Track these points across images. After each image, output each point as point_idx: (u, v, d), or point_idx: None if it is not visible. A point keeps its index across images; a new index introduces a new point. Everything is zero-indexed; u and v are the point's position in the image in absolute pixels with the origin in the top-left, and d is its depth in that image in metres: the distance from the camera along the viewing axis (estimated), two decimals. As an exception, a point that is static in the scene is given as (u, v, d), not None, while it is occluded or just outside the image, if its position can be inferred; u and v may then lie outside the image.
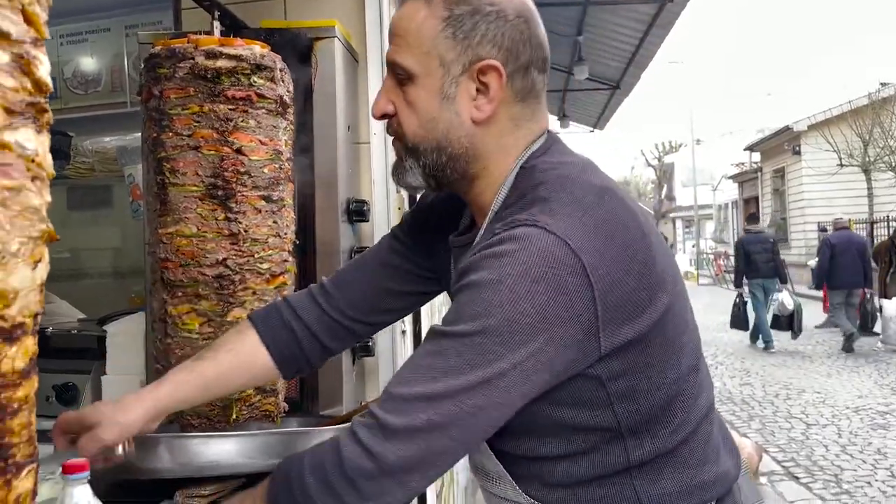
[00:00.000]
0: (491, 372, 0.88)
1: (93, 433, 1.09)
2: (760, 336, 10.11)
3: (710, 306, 14.83)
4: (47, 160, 0.62)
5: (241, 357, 1.23)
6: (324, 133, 1.73)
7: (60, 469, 1.06)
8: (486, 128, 1.01)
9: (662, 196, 38.78)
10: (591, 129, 10.96)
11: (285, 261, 1.55)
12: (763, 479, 5.14)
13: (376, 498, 0.88)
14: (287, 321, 1.25)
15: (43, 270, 0.62)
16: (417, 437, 0.88)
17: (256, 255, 1.49)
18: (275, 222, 1.52)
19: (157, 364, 1.54)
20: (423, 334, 1.91)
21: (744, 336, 10.58)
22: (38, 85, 0.60)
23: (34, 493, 0.62)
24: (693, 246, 31.14)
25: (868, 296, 9.91)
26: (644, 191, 47.48)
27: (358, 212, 1.80)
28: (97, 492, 1.33)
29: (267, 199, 1.51)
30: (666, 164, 37.84)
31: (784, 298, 9.67)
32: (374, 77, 1.86)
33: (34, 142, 0.60)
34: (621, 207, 0.97)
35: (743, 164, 25.75)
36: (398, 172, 1.08)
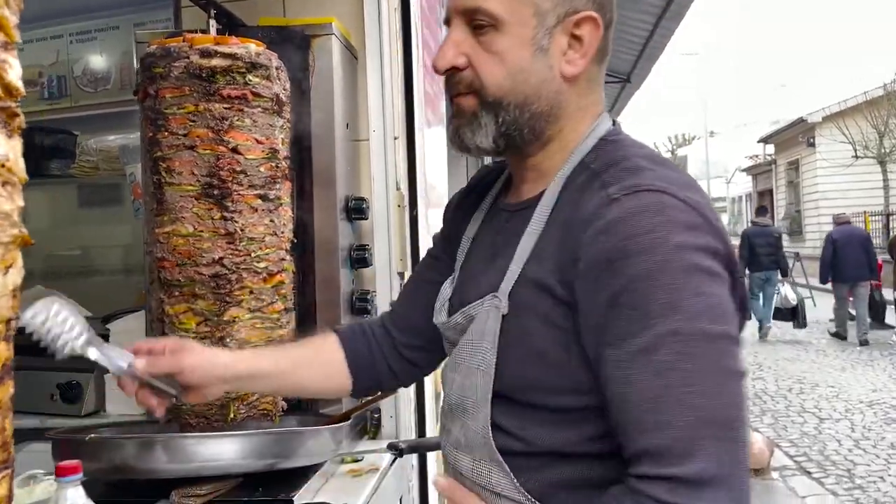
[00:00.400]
0: (725, 351, 0.81)
1: (177, 356, 1.09)
2: (760, 325, 10.49)
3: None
4: (19, 165, 0.61)
5: (320, 356, 1.22)
6: (321, 131, 1.72)
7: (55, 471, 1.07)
8: (574, 85, 0.96)
9: (676, 189, 38.48)
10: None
11: (282, 259, 1.54)
12: (775, 475, 5.11)
13: None
14: (366, 336, 1.23)
15: (16, 275, 0.62)
16: (720, 476, 0.77)
17: (253, 254, 1.49)
18: (271, 221, 1.51)
19: (156, 363, 1.54)
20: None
21: (755, 330, 10.66)
22: (8, 89, 0.59)
23: (9, 498, 0.62)
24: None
25: (876, 287, 10.13)
26: (657, 184, 47.12)
27: (357, 209, 1.79)
28: (96, 492, 1.34)
29: (263, 197, 1.50)
30: (679, 157, 37.62)
31: (787, 292, 10.07)
32: (374, 74, 1.85)
33: (5, 146, 0.59)
34: None
35: (757, 156, 25.56)
36: (467, 133, 0.97)
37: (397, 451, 1.56)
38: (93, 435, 1.31)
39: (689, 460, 0.76)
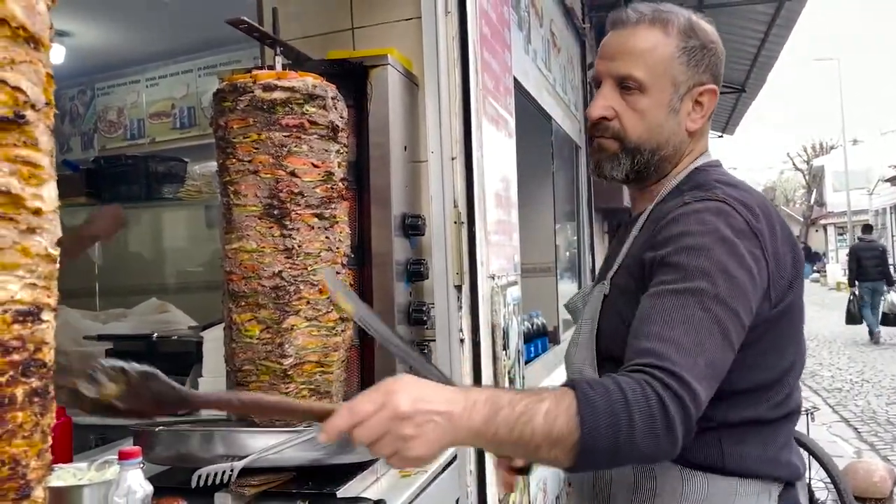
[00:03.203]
0: (729, 322, 1.03)
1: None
2: (870, 330, 11.81)
3: (861, 319, 13.84)
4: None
5: None
6: (378, 153, 1.86)
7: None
8: (692, 136, 1.26)
9: (812, 202, 36.43)
10: (720, 134, 10.54)
11: (338, 273, 1.68)
12: (901, 506, 4.77)
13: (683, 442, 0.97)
14: None
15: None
16: (706, 395, 0.99)
17: (310, 268, 1.63)
18: (327, 237, 1.65)
19: (227, 367, 1.71)
20: (482, 343, 1.99)
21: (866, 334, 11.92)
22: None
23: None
24: (847, 255, 28.95)
25: None
26: (792, 196, 44.75)
27: (413, 226, 1.90)
28: (176, 479, 1.51)
29: (319, 216, 1.64)
30: (815, 167, 35.53)
31: (893, 299, 11.35)
32: (432, 99, 1.97)
33: None
34: (776, 211, 1.21)
35: (902, 165, 23.75)
36: (606, 166, 1.27)
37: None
38: (162, 427, 1.48)
39: (698, 382, 0.97)
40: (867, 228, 13.44)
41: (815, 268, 30.25)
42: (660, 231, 1.14)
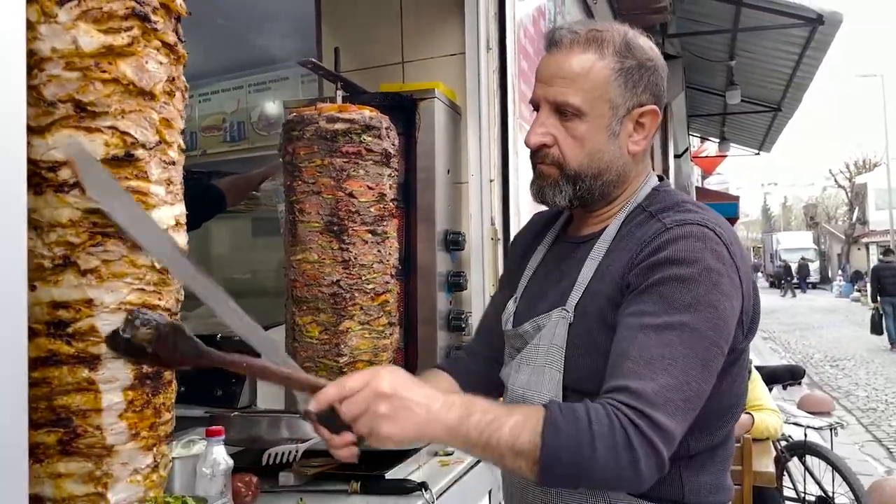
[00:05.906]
0: (710, 354, 1.07)
1: None
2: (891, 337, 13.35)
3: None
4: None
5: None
6: (424, 176, 2.07)
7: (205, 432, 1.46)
8: (635, 158, 1.25)
9: (854, 219, 35.86)
10: (756, 151, 10.60)
11: (388, 282, 1.89)
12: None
13: (650, 480, 1.02)
14: (467, 364, 1.47)
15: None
16: (681, 431, 1.03)
17: (363, 278, 1.84)
18: (379, 251, 1.87)
19: (288, 363, 1.93)
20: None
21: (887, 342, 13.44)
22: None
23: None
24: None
25: None
26: (834, 214, 44.07)
27: (454, 242, 2.11)
28: (247, 460, 1.73)
29: (373, 232, 1.86)
30: (858, 184, 35.00)
31: None
32: (473, 127, 2.18)
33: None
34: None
35: (947, 183, 23.31)
36: (548, 193, 1.26)
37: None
38: (236, 413, 1.70)
39: (670, 418, 1.02)
40: (888, 252, 15.24)
41: (856, 287, 29.76)
42: (644, 256, 1.13)
